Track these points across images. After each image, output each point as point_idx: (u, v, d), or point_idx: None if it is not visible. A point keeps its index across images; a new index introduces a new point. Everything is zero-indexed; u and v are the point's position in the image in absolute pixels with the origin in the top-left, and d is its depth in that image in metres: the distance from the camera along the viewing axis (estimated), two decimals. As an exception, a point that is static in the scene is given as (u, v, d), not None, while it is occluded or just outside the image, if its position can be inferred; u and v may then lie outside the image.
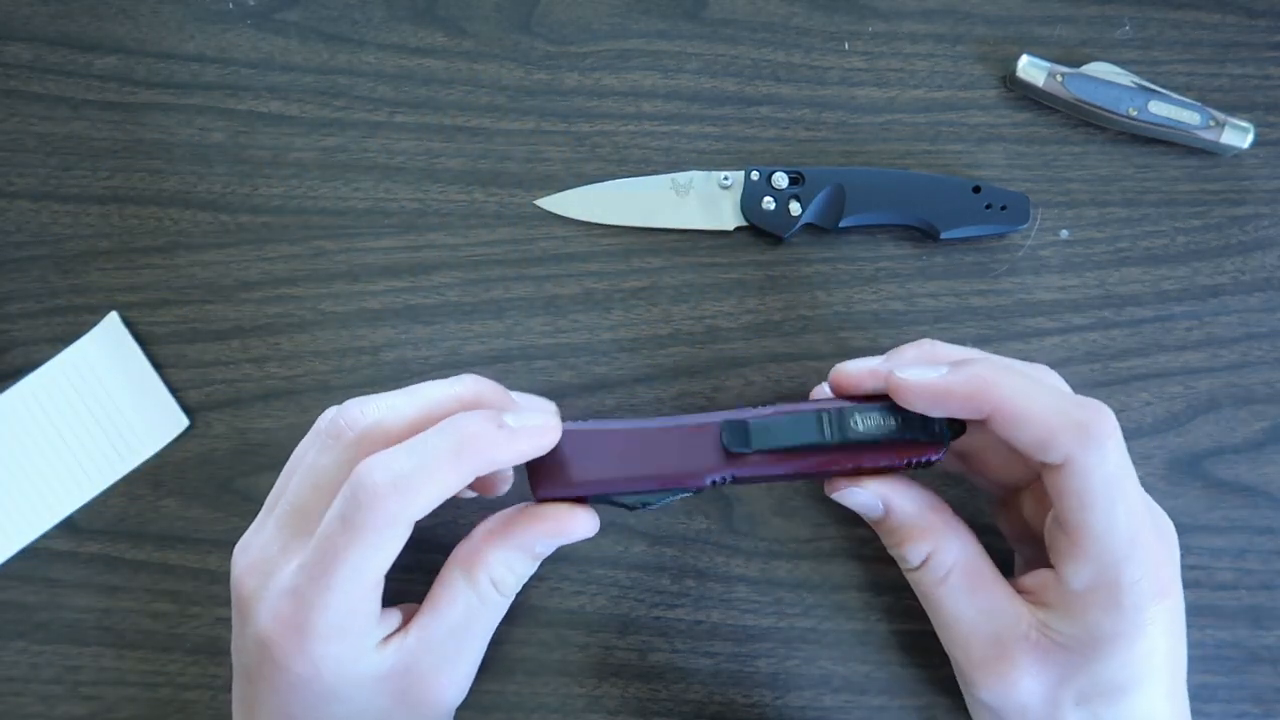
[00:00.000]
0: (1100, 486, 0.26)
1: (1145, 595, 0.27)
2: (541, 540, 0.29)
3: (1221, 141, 0.38)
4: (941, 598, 0.29)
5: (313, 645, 0.26)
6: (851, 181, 0.37)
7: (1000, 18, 0.40)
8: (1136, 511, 0.27)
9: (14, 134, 0.39)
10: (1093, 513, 0.27)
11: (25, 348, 0.37)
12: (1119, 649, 0.27)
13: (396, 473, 0.25)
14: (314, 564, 0.26)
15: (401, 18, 0.40)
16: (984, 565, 0.29)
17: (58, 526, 0.36)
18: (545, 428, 0.27)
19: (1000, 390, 0.27)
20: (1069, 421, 0.26)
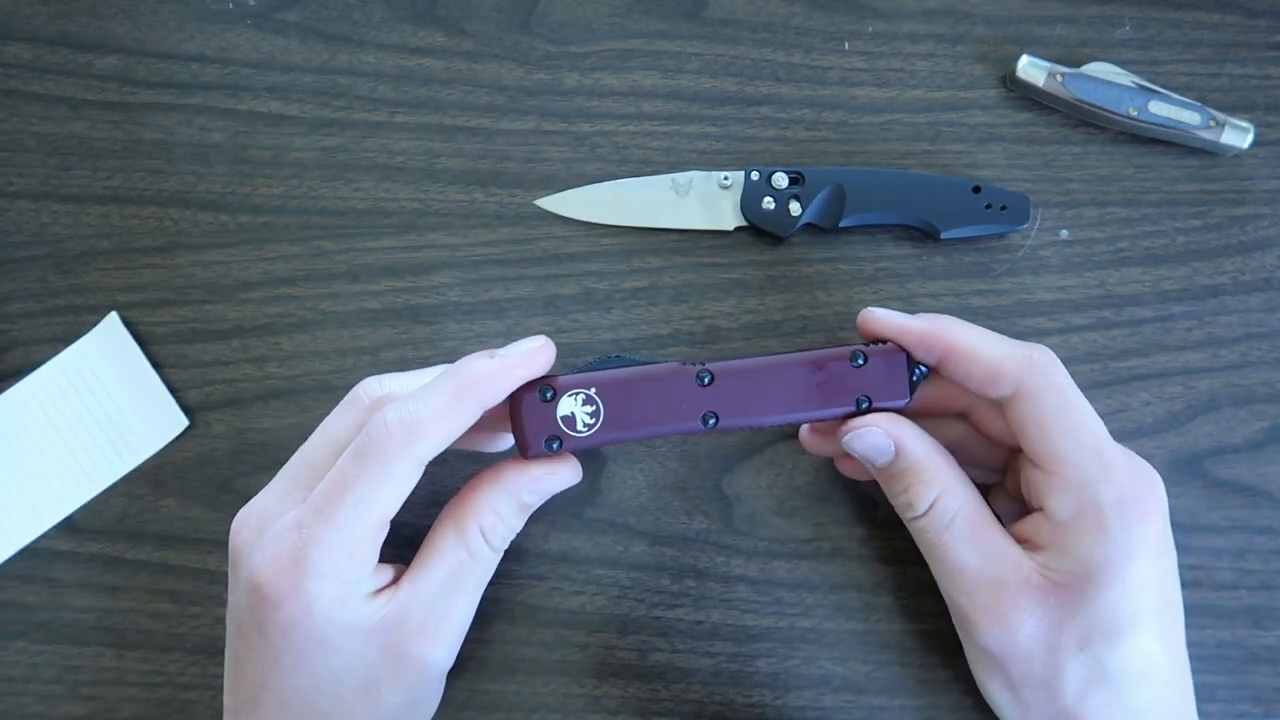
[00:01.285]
0: (1054, 409, 0.28)
1: (1129, 516, 0.27)
2: (528, 488, 0.30)
3: (1221, 141, 0.38)
4: (946, 544, 0.30)
5: (307, 582, 0.26)
6: (851, 181, 0.37)
7: (1000, 18, 0.40)
8: (1096, 430, 0.28)
9: (14, 134, 0.39)
10: (1054, 434, 0.28)
11: (25, 348, 0.37)
12: (1113, 578, 0.27)
13: (406, 414, 0.27)
14: (321, 496, 0.27)
15: (401, 18, 0.40)
16: (985, 512, 0.30)
17: (58, 526, 0.36)
18: (535, 350, 0.29)
19: (952, 332, 0.30)
20: (1014, 355, 0.29)
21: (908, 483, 0.30)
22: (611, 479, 0.36)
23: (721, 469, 0.37)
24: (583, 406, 0.29)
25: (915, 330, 0.30)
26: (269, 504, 0.29)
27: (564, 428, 0.29)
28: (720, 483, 0.36)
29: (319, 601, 0.27)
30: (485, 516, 0.29)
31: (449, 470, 0.36)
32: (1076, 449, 0.28)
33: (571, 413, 0.29)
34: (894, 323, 0.30)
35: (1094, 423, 0.28)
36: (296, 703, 0.28)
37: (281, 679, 0.27)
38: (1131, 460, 0.29)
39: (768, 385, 0.29)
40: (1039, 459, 0.29)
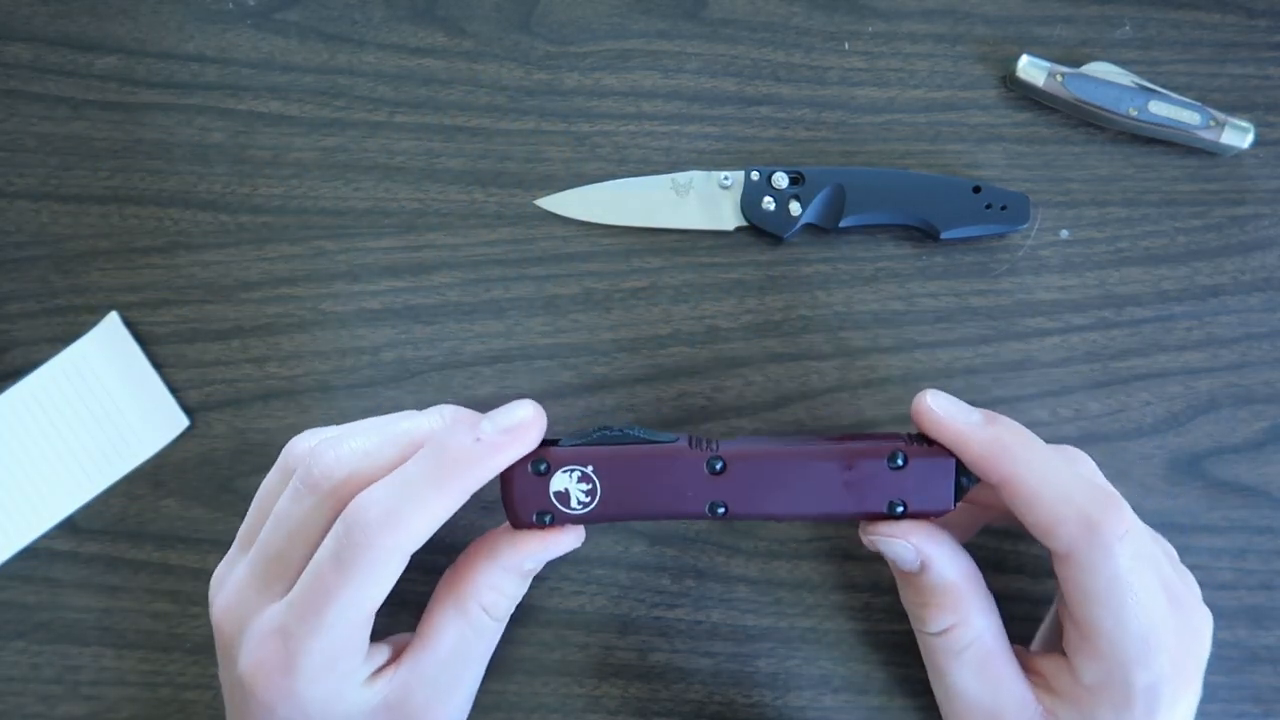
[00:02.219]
0: (1106, 585, 0.25)
1: (1159, 700, 0.25)
2: (528, 558, 0.28)
3: (1221, 141, 0.38)
4: (951, 671, 0.28)
5: (298, 686, 0.25)
6: (851, 181, 0.37)
7: (1000, 18, 0.40)
8: (1151, 611, 0.25)
9: (14, 134, 0.39)
10: (1100, 610, 0.25)
11: (25, 348, 0.37)
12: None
13: (387, 508, 0.25)
14: (303, 603, 0.25)
15: (401, 18, 0.40)
16: (1001, 646, 0.28)
17: (58, 526, 0.36)
18: (525, 424, 0.26)
19: (1016, 461, 0.26)
20: (1077, 513, 0.25)
21: (926, 600, 0.28)
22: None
23: (721, 469, 0.37)
24: (578, 484, 0.27)
25: (975, 447, 0.26)
26: (245, 595, 0.27)
27: (557, 504, 0.27)
28: (720, 483, 0.36)
29: (314, 703, 0.26)
30: (485, 594, 0.28)
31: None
32: (1119, 629, 0.25)
33: (566, 489, 0.27)
34: (953, 429, 0.26)
35: (1148, 600, 0.25)
36: None
37: None
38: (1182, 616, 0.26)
39: (787, 479, 0.26)
40: (1077, 623, 0.26)
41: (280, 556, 0.27)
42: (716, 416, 0.37)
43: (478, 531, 0.31)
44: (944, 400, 0.27)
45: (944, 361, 0.37)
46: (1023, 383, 0.37)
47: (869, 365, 0.37)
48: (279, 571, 0.27)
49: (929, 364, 0.37)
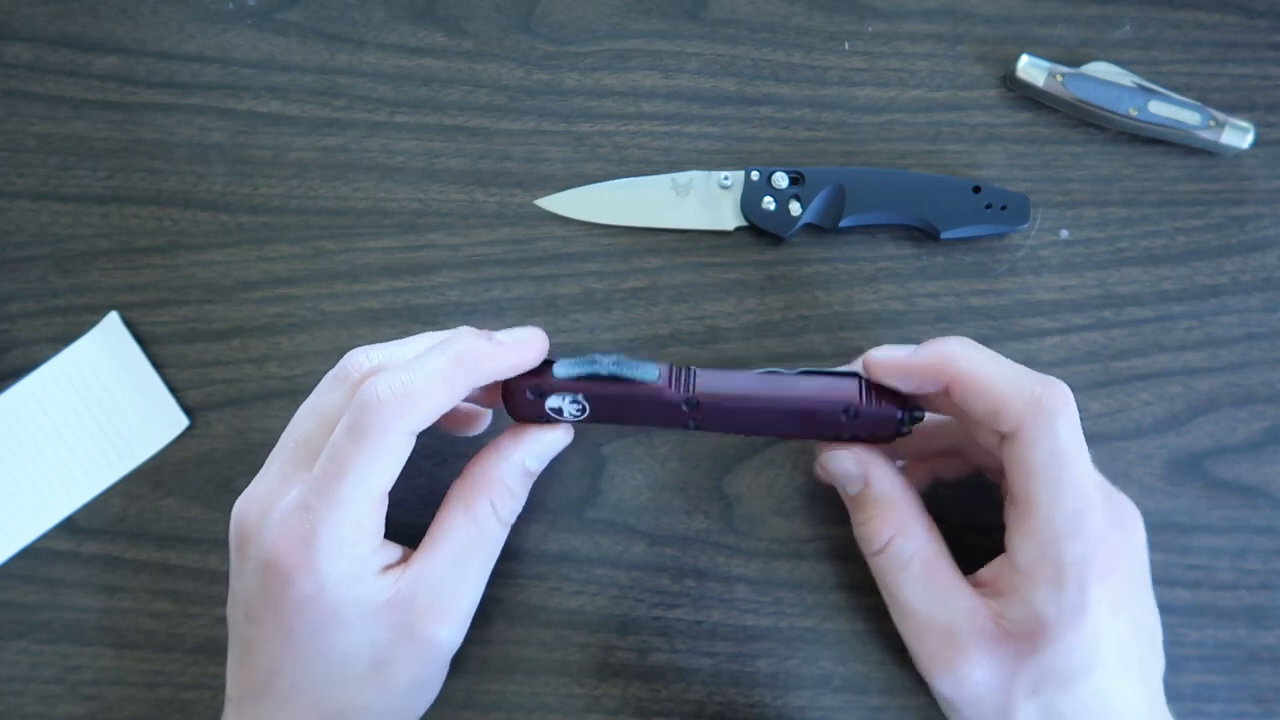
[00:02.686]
0: (1046, 458, 0.27)
1: (1089, 574, 0.27)
2: (531, 452, 0.30)
3: (1221, 141, 0.38)
4: (899, 586, 0.30)
5: (319, 558, 0.27)
6: (851, 181, 0.37)
7: (1000, 18, 0.40)
8: (1083, 489, 0.27)
9: (14, 134, 0.39)
10: (1037, 483, 0.27)
11: (25, 348, 0.37)
12: (1064, 632, 0.27)
13: (398, 384, 0.27)
14: (321, 477, 0.27)
15: (401, 18, 0.40)
16: (943, 560, 0.30)
17: (58, 526, 0.36)
18: (531, 340, 0.29)
19: (959, 361, 0.28)
20: (1022, 392, 0.27)
21: (868, 515, 0.31)
22: (611, 479, 0.36)
23: (721, 469, 0.37)
24: (570, 404, 0.30)
25: (921, 364, 0.29)
26: (271, 486, 0.29)
27: (551, 415, 0.30)
28: (720, 483, 0.36)
29: (331, 577, 0.27)
30: (494, 488, 0.30)
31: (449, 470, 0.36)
32: (1053, 504, 0.27)
33: (560, 406, 0.30)
34: (900, 363, 0.29)
35: (1081, 479, 0.27)
36: (308, 685, 0.28)
37: (294, 660, 0.28)
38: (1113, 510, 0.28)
39: (752, 417, 0.29)
40: (1016, 501, 0.28)
41: (308, 443, 0.29)
42: (716, 416, 0.37)
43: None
44: (886, 349, 0.30)
45: (944, 361, 0.37)
46: (1023, 383, 0.37)
47: (869, 365, 0.37)
48: (304, 458, 0.29)
49: (929, 364, 0.37)
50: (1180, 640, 0.36)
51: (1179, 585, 0.36)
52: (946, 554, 0.30)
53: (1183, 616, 0.36)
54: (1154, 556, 0.36)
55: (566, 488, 0.36)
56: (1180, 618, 0.36)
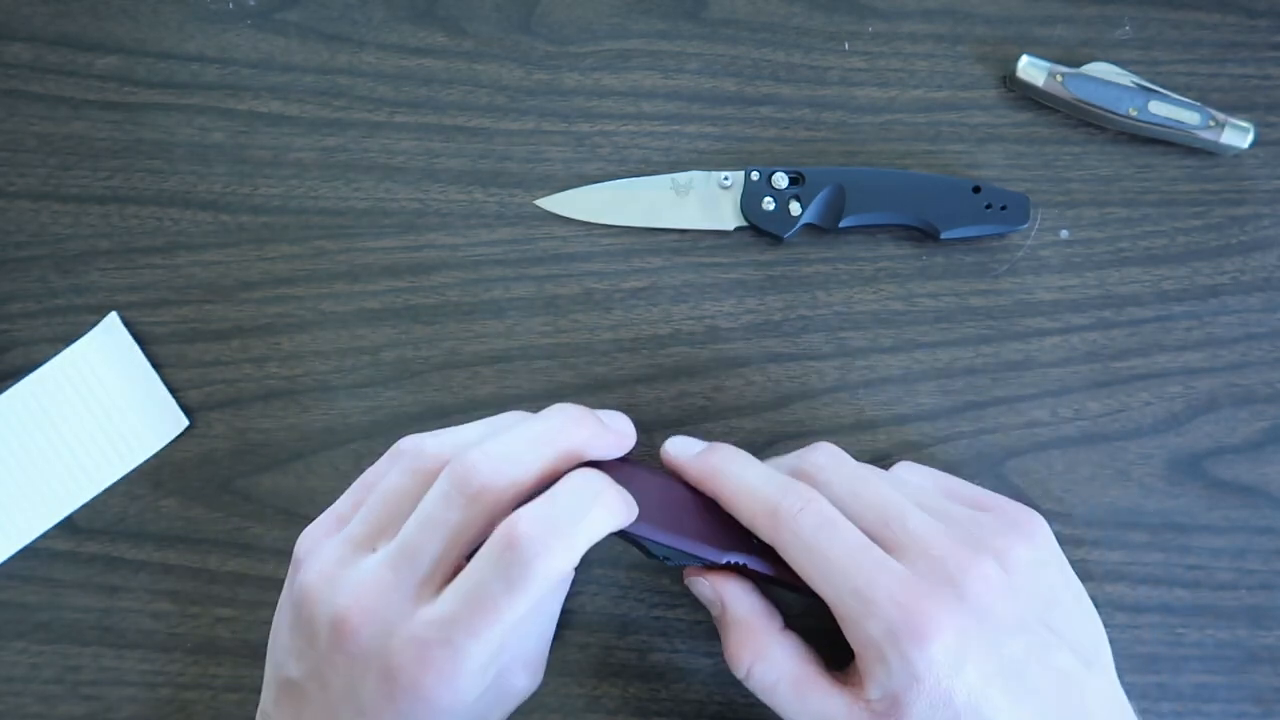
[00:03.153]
0: (804, 559, 0.28)
1: (904, 642, 0.27)
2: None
3: (1221, 141, 0.38)
4: (775, 705, 0.30)
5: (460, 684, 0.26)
6: (851, 181, 0.37)
7: (1000, 18, 0.40)
8: (850, 573, 0.27)
9: (14, 134, 0.39)
10: (816, 582, 0.28)
11: (25, 348, 0.37)
12: (911, 700, 0.27)
13: (550, 531, 0.26)
14: (469, 616, 0.26)
15: (401, 18, 0.40)
16: (808, 671, 0.30)
17: (58, 526, 0.36)
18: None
19: (718, 474, 0.30)
20: (762, 505, 0.29)
21: (728, 639, 0.30)
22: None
23: (721, 469, 0.36)
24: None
25: (692, 471, 0.30)
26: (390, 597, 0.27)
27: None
28: (720, 483, 0.36)
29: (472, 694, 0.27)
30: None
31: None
32: (834, 592, 0.28)
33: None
34: (678, 463, 0.31)
35: (848, 561, 0.28)
36: None
37: None
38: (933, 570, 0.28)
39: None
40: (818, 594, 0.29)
41: (433, 558, 0.27)
42: (716, 416, 0.37)
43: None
44: (676, 443, 0.32)
45: (944, 361, 0.37)
46: (1023, 383, 0.37)
47: (869, 365, 0.37)
48: (430, 574, 0.27)
49: (929, 364, 0.37)
50: (1180, 640, 0.36)
51: (1179, 585, 0.36)
52: (813, 661, 0.30)
53: (1183, 616, 0.36)
54: (1154, 556, 0.36)
55: (566, 488, 0.36)
56: (1180, 618, 0.36)
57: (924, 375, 0.37)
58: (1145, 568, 0.36)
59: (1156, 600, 0.36)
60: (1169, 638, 0.36)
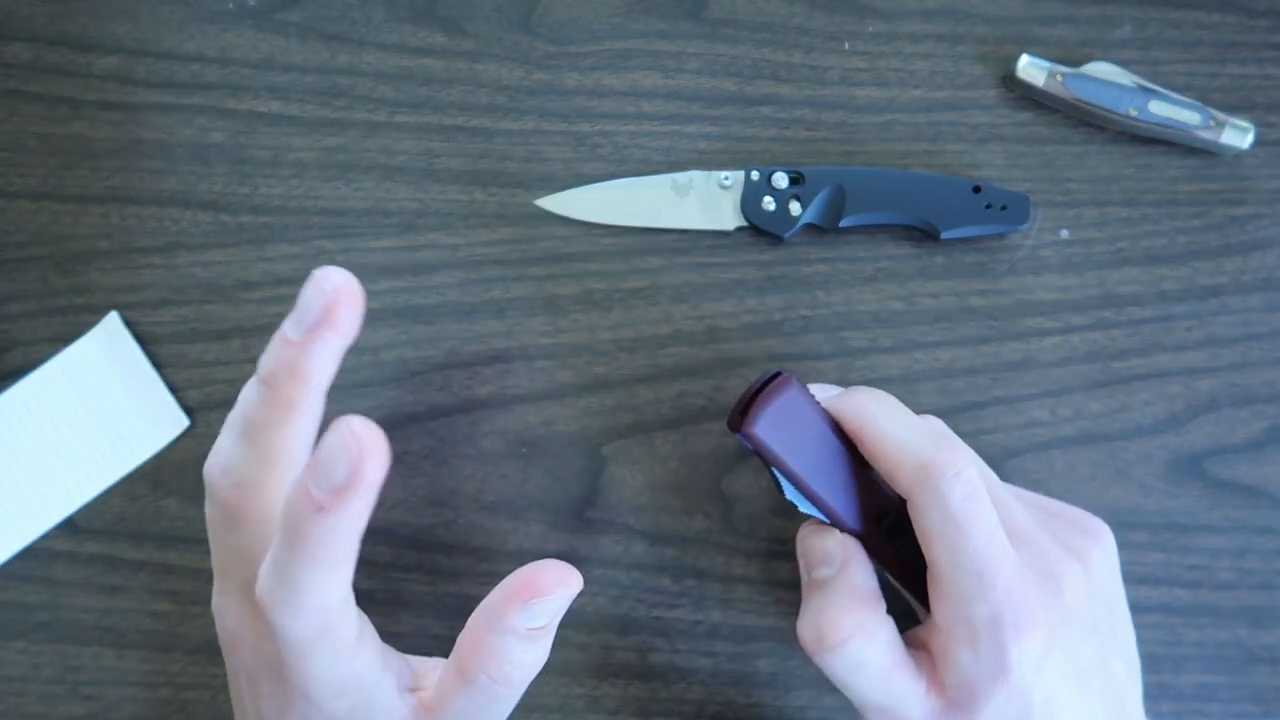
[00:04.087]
0: (938, 525, 0.27)
1: (1003, 632, 0.26)
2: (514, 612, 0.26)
3: (1221, 141, 0.38)
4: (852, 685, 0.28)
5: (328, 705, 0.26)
6: (851, 181, 0.37)
7: (1000, 18, 0.40)
8: (983, 552, 0.27)
9: (14, 134, 0.39)
10: (935, 548, 0.27)
11: (25, 348, 0.37)
12: (992, 690, 0.26)
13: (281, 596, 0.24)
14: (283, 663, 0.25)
15: (401, 18, 0.40)
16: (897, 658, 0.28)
17: (58, 526, 0.36)
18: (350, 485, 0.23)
19: (863, 416, 0.29)
20: (913, 458, 0.27)
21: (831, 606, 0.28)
22: (611, 479, 0.36)
23: (721, 469, 0.37)
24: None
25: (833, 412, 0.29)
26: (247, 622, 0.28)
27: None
28: (720, 483, 0.36)
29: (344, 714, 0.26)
30: (489, 663, 0.27)
31: (449, 471, 0.36)
32: (954, 567, 0.27)
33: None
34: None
35: (982, 541, 0.27)
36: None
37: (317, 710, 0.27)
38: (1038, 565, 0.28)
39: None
40: (929, 566, 0.28)
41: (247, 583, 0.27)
42: (716, 416, 0.37)
43: (479, 532, 0.31)
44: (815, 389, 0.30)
45: (944, 361, 0.37)
46: (1023, 383, 0.37)
47: (869, 365, 0.37)
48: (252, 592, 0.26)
49: (929, 364, 0.37)
50: (1180, 640, 0.36)
51: (1179, 585, 0.36)
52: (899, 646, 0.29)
53: (1183, 616, 0.36)
54: (1154, 556, 0.36)
55: (566, 488, 0.36)
56: (1180, 618, 0.36)
57: (924, 375, 0.37)
58: (1145, 568, 0.36)
59: (1156, 600, 0.36)
60: (1169, 638, 0.36)
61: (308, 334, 0.27)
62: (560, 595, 0.27)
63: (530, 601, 0.26)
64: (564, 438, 0.37)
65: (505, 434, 0.37)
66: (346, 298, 0.26)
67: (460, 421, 0.37)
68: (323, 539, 0.23)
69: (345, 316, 0.26)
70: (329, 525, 0.23)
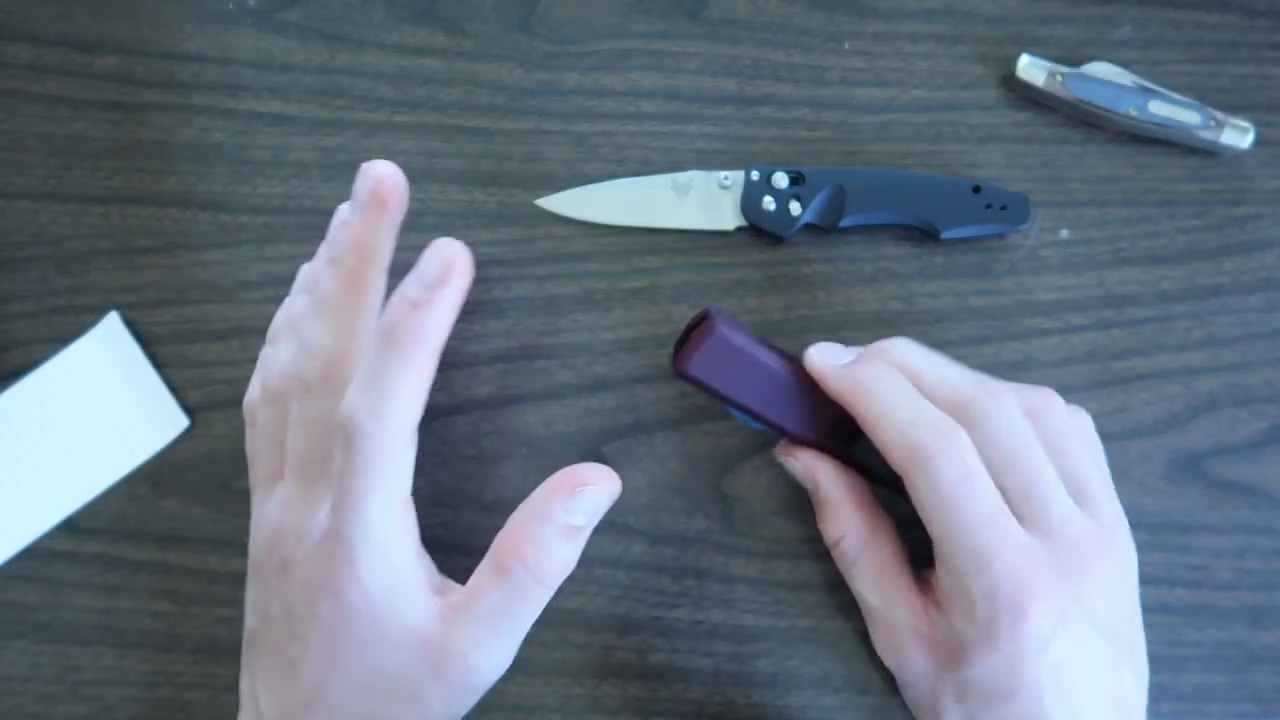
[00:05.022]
0: (934, 503, 0.28)
1: (997, 609, 0.27)
2: (559, 502, 0.28)
3: (1221, 141, 0.38)
4: (851, 578, 0.32)
5: (362, 573, 0.27)
6: (851, 181, 0.37)
7: (1000, 18, 0.40)
8: (975, 531, 0.28)
9: (14, 134, 0.39)
10: (933, 525, 0.28)
11: (25, 348, 0.37)
12: (981, 655, 0.28)
13: (370, 403, 0.26)
14: (339, 505, 0.27)
15: (401, 18, 0.40)
16: (892, 558, 0.32)
17: (58, 526, 0.36)
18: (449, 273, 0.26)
19: (862, 396, 0.29)
20: (906, 440, 0.28)
21: (821, 513, 0.33)
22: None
23: (721, 469, 0.37)
24: None
25: (832, 385, 0.30)
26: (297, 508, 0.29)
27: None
28: (720, 483, 0.36)
29: (375, 589, 0.27)
30: (526, 550, 0.28)
31: (449, 471, 0.36)
32: (951, 543, 0.28)
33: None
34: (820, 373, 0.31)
35: (973, 522, 0.28)
36: (355, 697, 0.28)
37: (342, 672, 0.28)
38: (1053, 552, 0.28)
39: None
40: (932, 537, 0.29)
41: (314, 457, 0.29)
42: (717, 416, 0.37)
43: (479, 531, 0.31)
44: (822, 350, 0.31)
45: (944, 361, 0.37)
46: (1023, 382, 0.37)
47: (869, 365, 0.37)
48: (319, 470, 0.29)
49: (929, 364, 0.37)
50: (1180, 640, 0.36)
51: (1179, 585, 0.36)
52: (898, 553, 0.32)
53: (1183, 616, 0.36)
54: (1154, 556, 0.36)
55: (566, 488, 0.36)
56: (1180, 618, 0.36)
57: (924, 375, 0.37)
58: (1145, 568, 0.36)
59: (1156, 600, 0.36)
60: (1169, 638, 0.36)
61: (363, 213, 0.30)
62: (604, 489, 0.28)
63: (576, 490, 0.28)
64: (564, 438, 0.37)
65: (505, 434, 0.37)
66: (391, 181, 0.30)
67: (460, 421, 0.37)
68: (416, 336, 0.26)
69: (393, 196, 0.30)
70: (423, 320, 0.26)
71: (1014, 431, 0.29)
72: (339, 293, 0.30)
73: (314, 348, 0.29)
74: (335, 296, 0.30)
